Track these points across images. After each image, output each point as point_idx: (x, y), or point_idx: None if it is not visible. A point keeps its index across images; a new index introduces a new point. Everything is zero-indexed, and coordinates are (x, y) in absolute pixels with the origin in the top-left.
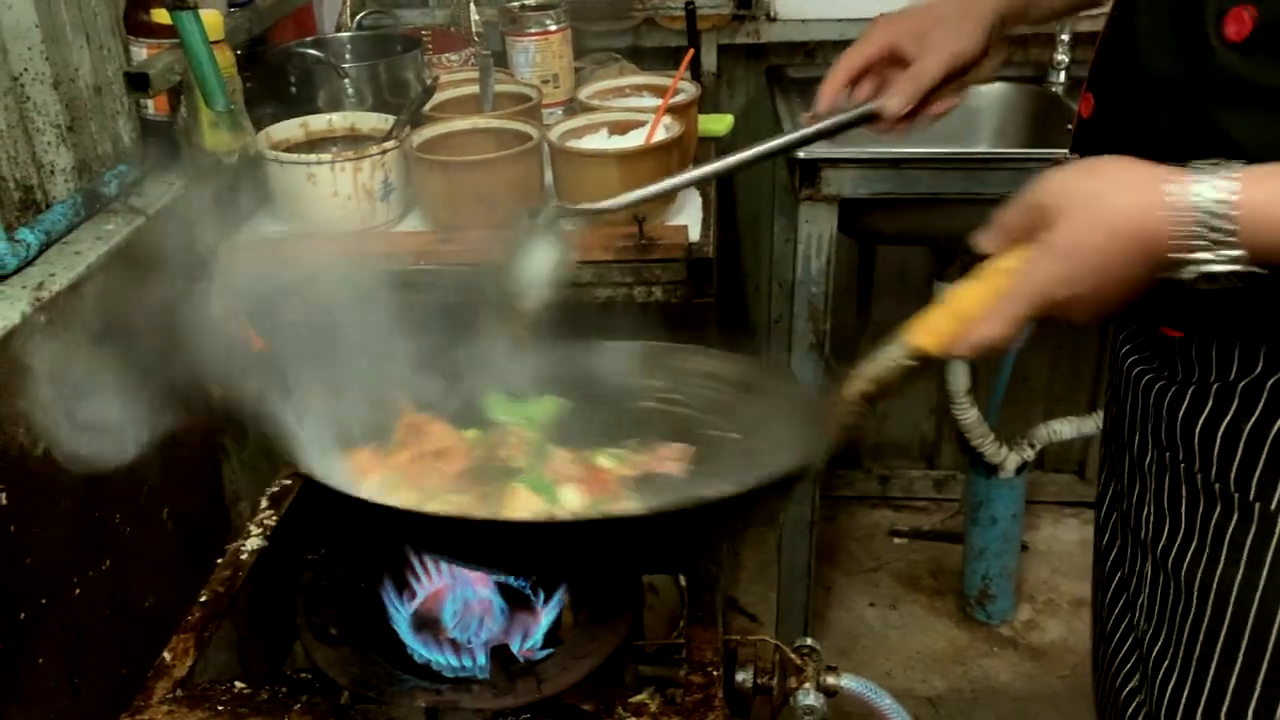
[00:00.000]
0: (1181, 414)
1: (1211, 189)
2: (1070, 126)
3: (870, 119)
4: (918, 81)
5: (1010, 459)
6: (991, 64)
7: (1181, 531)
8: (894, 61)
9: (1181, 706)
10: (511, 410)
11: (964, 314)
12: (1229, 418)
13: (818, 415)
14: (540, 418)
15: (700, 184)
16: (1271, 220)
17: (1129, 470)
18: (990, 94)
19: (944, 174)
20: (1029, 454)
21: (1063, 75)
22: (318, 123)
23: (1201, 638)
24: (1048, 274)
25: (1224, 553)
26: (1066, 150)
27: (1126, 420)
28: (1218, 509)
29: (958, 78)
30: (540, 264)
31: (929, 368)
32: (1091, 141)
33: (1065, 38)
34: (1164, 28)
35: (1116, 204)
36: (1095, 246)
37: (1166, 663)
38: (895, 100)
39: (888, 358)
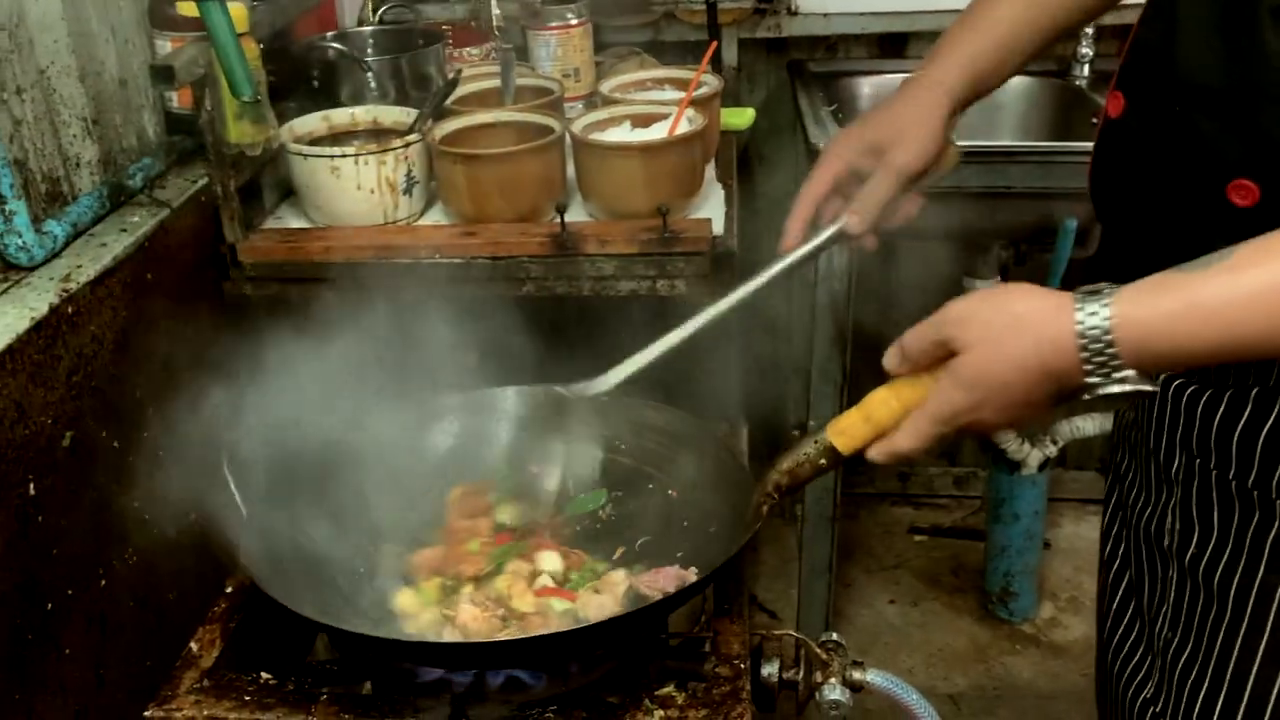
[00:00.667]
0: (1218, 420)
1: (1093, 316)
2: (1095, 122)
3: (840, 238)
4: (873, 199)
5: (1033, 455)
6: (952, 160)
7: (1214, 539)
8: (856, 177)
9: (1216, 716)
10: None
11: (876, 420)
12: (1270, 423)
13: (744, 493)
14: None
15: (723, 179)
16: (1150, 338)
17: (1152, 478)
18: (1013, 88)
19: (967, 168)
20: (1051, 450)
21: (1086, 69)
22: (340, 116)
23: (1238, 647)
24: (953, 401)
25: (1264, 560)
26: (1090, 145)
27: (1150, 426)
28: (1256, 516)
29: (918, 181)
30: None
31: (839, 465)
32: (1120, 141)
33: (1089, 31)
34: (1210, 31)
35: (1018, 339)
36: (998, 377)
37: (1195, 671)
38: (854, 221)
39: (802, 452)
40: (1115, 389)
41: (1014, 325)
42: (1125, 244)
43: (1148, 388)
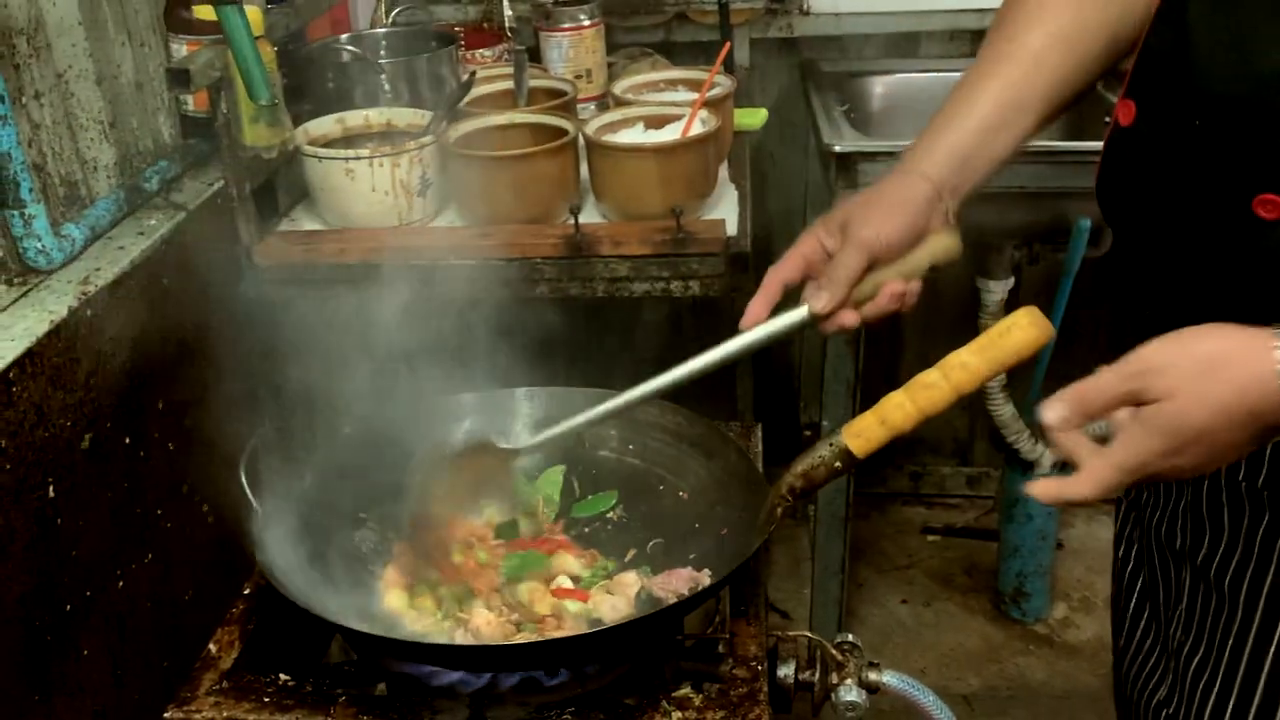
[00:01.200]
0: None
1: None
2: (1107, 121)
3: (812, 322)
4: (839, 275)
5: (1046, 455)
6: (944, 246)
7: (1224, 541)
8: (828, 259)
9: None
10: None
11: (892, 423)
12: None
13: (757, 494)
14: (551, 491)
15: (736, 180)
16: None
17: (1163, 481)
18: None
19: None
20: None
21: None
22: (354, 119)
23: (1249, 649)
24: (1148, 449)
25: (1274, 562)
26: (1099, 146)
27: None
28: (1266, 517)
29: (896, 264)
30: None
31: (854, 468)
32: (1132, 149)
33: None
34: (1228, 40)
35: (1220, 384)
36: (1198, 425)
37: (1208, 674)
38: (817, 299)
39: (817, 455)
40: None
41: (1213, 369)
42: (1138, 249)
43: None
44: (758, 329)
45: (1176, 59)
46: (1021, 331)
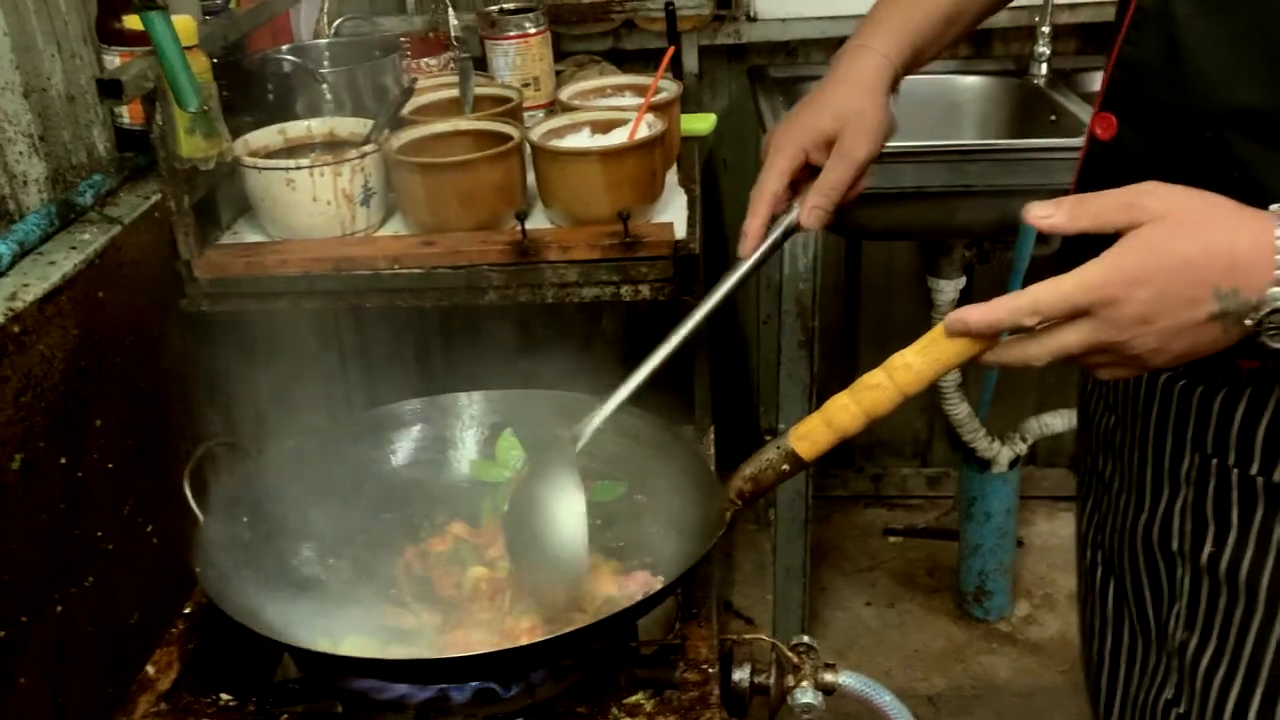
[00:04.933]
0: (1239, 416)
1: None
2: (1054, 119)
3: (795, 229)
4: (830, 195)
5: (1003, 453)
6: (892, 130)
7: (1232, 536)
8: (809, 171)
9: (1254, 713)
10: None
11: (838, 424)
12: None
13: (710, 497)
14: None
15: (685, 184)
16: None
17: (1149, 480)
18: (973, 87)
19: (928, 167)
20: (1021, 448)
21: (1044, 67)
22: (296, 129)
23: (1274, 642)
24: (1121, 267)
25: None
26: (1051, 141)
27: (1151, 428)
28: None
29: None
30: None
31: (803, 470)
32: (1117, 165)
33: (1046, 30)
34: (1233, 46)
35: (1216, 221)
36: (1181, 253)
37: (1224, 670)
38: (811, 217)
39: (765, 458)
40: None
41: (1216, 208)
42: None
43: None
44: (757, 252)
45: (1168, 69)
46: None
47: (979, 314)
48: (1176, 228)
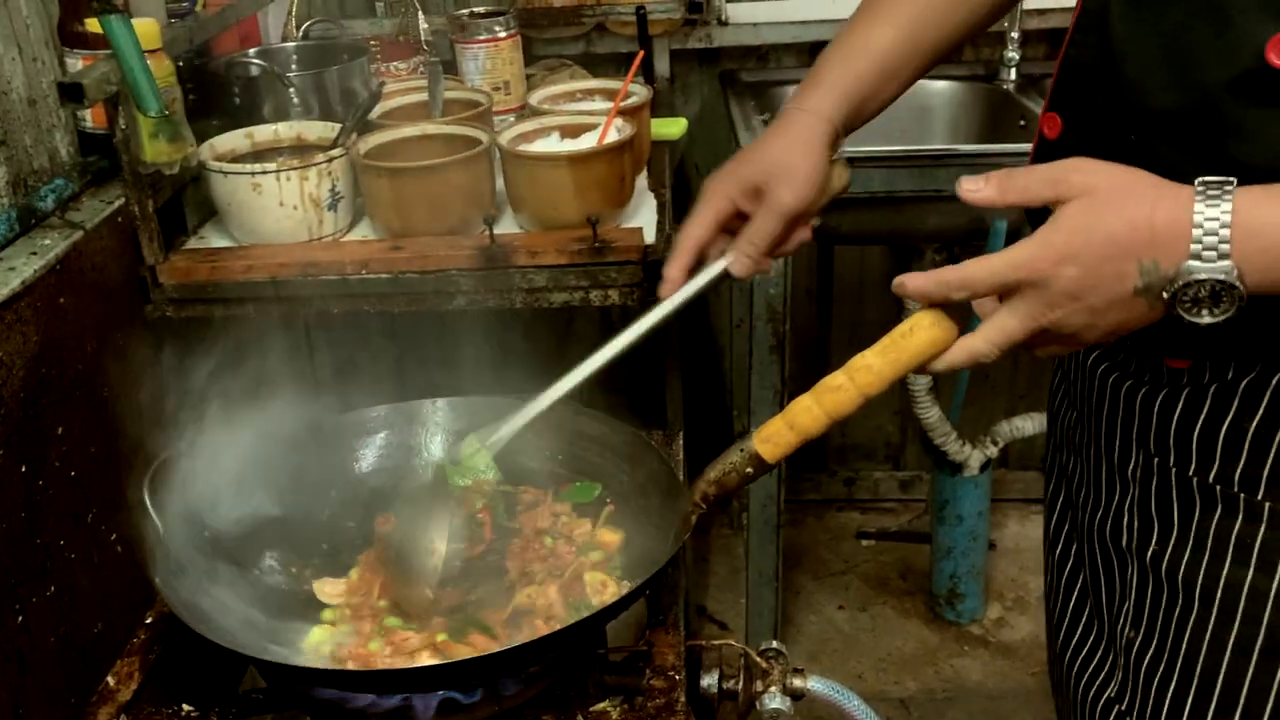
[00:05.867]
0: (1176, 417)
1: (1214, 200)
2: (1023, 124)
3: (727, 275)
4: (759, 241)
5: (974, 456)
6: (840, 181)
7: (1174, 535)
8: (739, 215)
9: (1187, 713)
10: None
11: (800, 426)
12: (1230, 418)
13: (676, 501)
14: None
15: (655, 189)
16: (1264, 234)
17: (1104, 478)
18: (943, 92)
19: (898, 172)
20: (992, 451)
21: (1014, 73)
22: (263, 133)
23: (1207, 641)
24: (1049, 244)
25: (1229, 555)
26: (1021, 145)
27: (1102, 426)
28: (1218, 510)
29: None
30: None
31: (767, 473)
32: None
33: (1015, 35)
34: (1156, 54)
35: (1137, 196)
36: (1105, 229)
37: (1163, 668)
38: (739, 265)
39: (729, 461)
40: (1205, 276)
41: (1136, 185)
42: None
43: (1238, 286)
44: (678, 295)
45: (1103, 71)
46: (925, 332)
47: (916, 281)
48: (1101, 203)
